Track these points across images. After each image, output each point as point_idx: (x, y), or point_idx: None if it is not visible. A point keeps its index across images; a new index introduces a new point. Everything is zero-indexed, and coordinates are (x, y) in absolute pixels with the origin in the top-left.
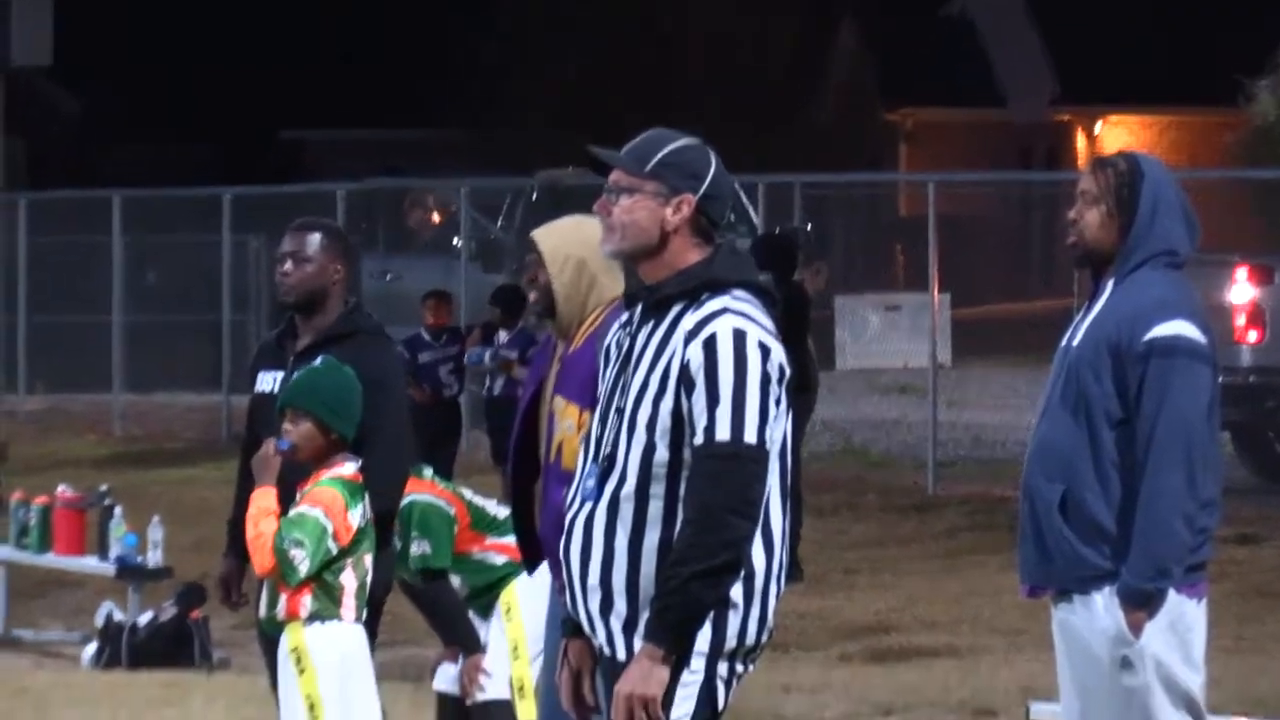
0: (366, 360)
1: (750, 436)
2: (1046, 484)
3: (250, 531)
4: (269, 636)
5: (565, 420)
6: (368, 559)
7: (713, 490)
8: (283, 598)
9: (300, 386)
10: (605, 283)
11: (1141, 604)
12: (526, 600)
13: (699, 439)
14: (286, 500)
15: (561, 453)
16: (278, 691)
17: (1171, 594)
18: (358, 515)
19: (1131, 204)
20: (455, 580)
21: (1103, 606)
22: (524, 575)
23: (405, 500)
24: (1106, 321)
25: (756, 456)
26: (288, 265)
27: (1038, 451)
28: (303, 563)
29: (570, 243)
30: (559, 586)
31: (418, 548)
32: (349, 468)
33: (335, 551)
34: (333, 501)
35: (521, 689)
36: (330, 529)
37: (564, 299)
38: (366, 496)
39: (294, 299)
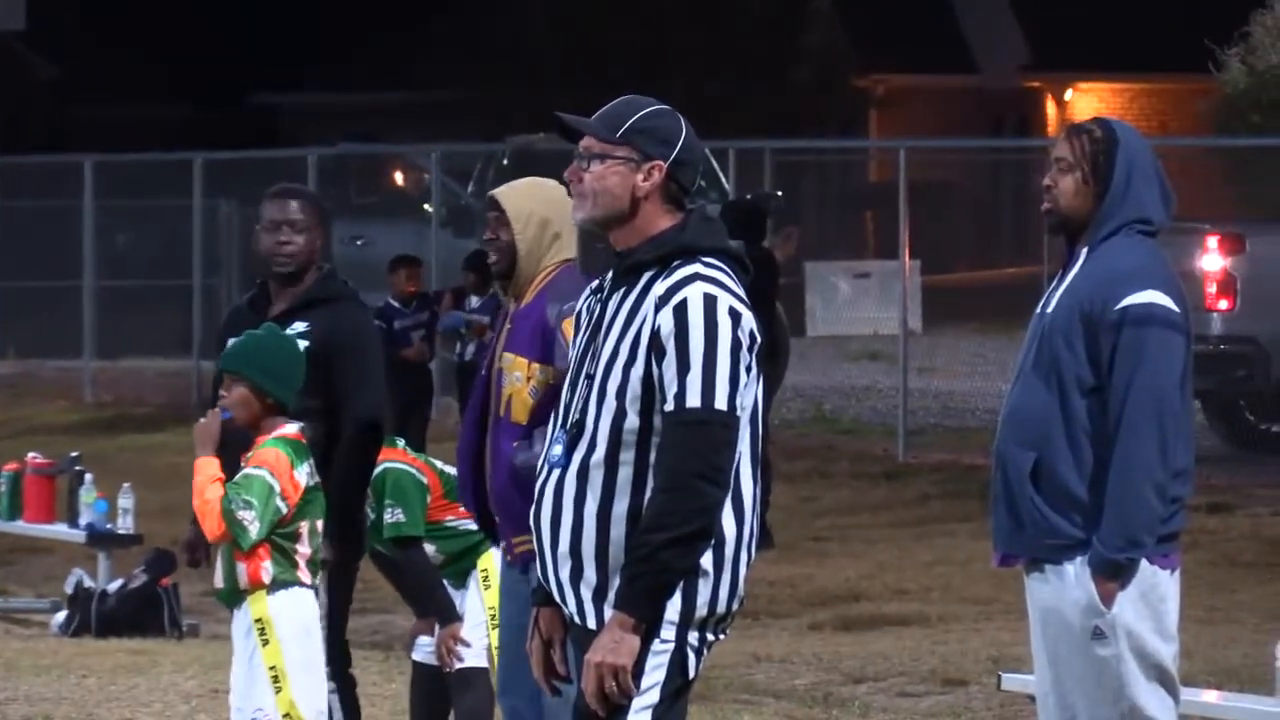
0: (345, 324)
1: (721, 403)
2: (1018, 451)
3: (196, 501)
4: (227, 607)
5: (514, 373)
6: (319, 524)
7: (683, 457)
8: (241, 566)
9: (236, 351)
10: (565, 242)
11: (1113, 574)
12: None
13: (669, 405)
14: (232, 470)
15: (511, 406)
16: (234, 661)
17: (1144, 564)
18: (304, 473)
19: (1106, 171)
20: (430, 549)
21: (1074, 576)
22: None
23: (378, 469)
24: (1079, 289)
25: (727, 423)
26: (284, 234)
27: (1009, 419)
28: (253, 523)
29: (533, 201)
30: (510, 547)
31: (391, 515)
32: (291, 428)
33: (284, 510)
34: (277, 461)
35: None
36: (278, 488)
37: (525, 256)
38: (310, 458)
39: (293, 267)
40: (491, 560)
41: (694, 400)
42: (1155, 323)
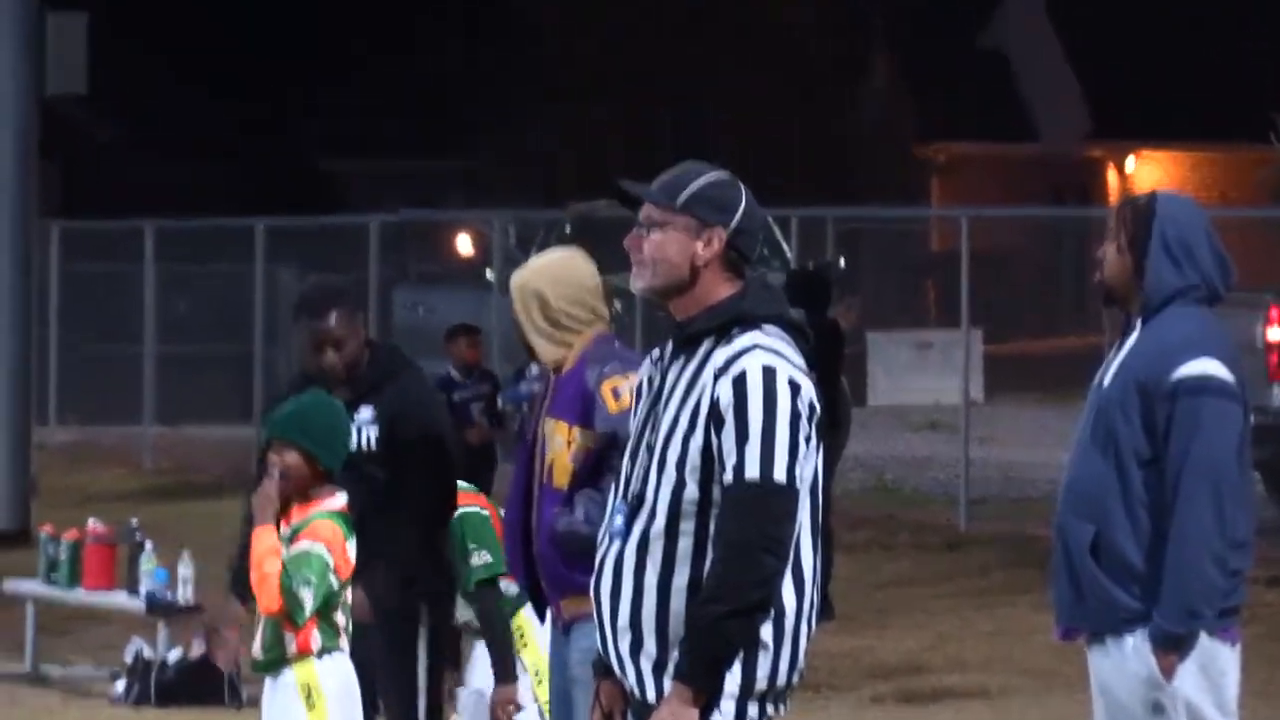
0: (409, 404)
1: (780, 474)
2: (1078, 524)
3: (255, 575)
4: (265, 674)
5: (556, 437)
6: (349, 591)
7: (742, 528)
8: (290, 636)
9: (287, 418)
10: (572, 312)
11: (1173, 647)
12: (538, 624)
13: (728, 476)
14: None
15: (552, 471)
16: None
17: (1204, 638)
18: (353, 547)
19: (1143, 242)
20: (465, 611)
21: (1134, 649)
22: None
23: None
24: (1135, 360)
25: (786, 494)
26: (330, 355)
27: (1069, 491)
28: (309, 600)
29: (531, 278)
30: (557, 612)
31: (478, 559)
32: (339, 499)
33: (336, 586)
34: (333, 536)
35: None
36: (332, 564)
37: (531, 330)
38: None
39: (344, 379)
40: (524, 619)
41: (753, 472)
42: (1210, 392)
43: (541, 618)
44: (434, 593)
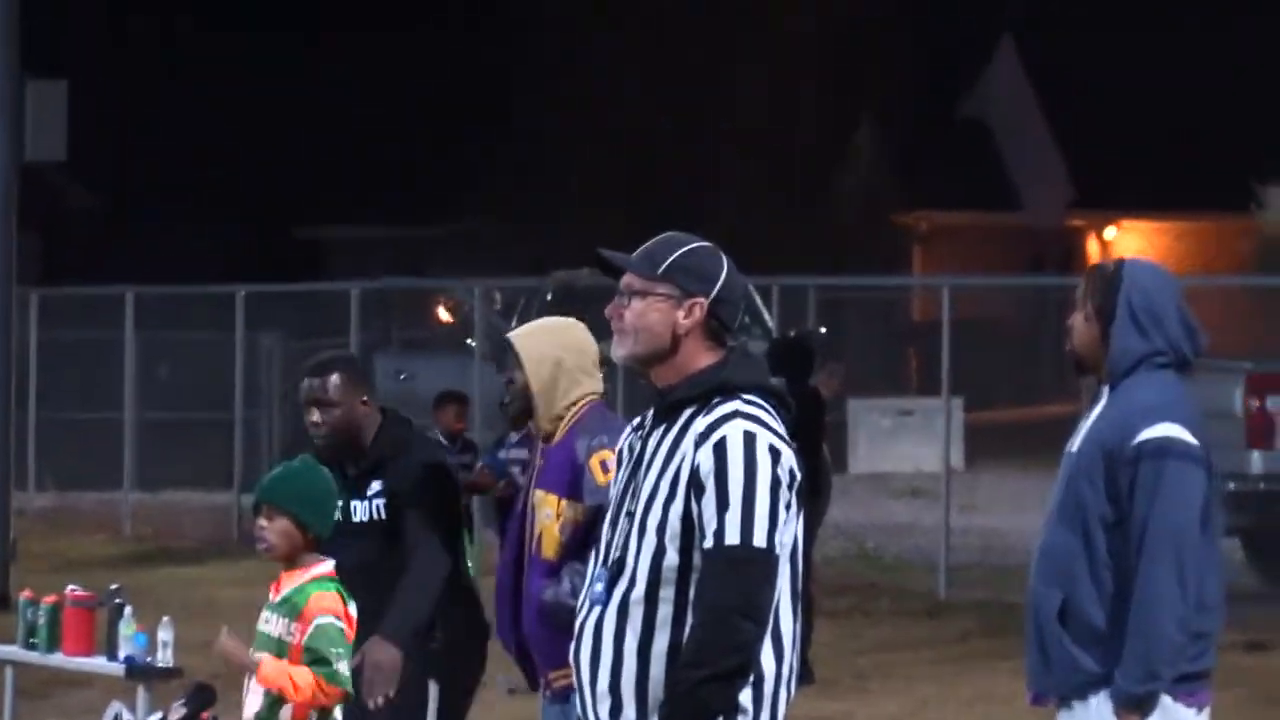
0: (415, 474)
1: (760, 540)
2: (1047, 591)
3: (298, 697)
4: None
5: (544, 509)
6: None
7: (722, 594)
8: (288, 706)
9: (278, 483)
10: (581, 381)
11: (1134, 707)
12: None
13: (708, 542)
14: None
15: (541, 542)
16: None
17: (1168, 701)
18: (354, 610)
19: (1109, 309)
20: None
21: (1096, 710)
22: None
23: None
24: (1101, 426)
25: (766, 560)
26: (315, 415)
27: (1040, 558)
28: (347, 669)
29: (546, 343)
30: (547, 683)
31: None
32: (327, 565)
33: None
34: (336, 603)
35: None
36: (347, 631)
37: (539, 395)
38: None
39: (331, 445)
40: None
41: (733, 538)
42: (1172, 455)
43: (533, 687)
44: (439, 657)
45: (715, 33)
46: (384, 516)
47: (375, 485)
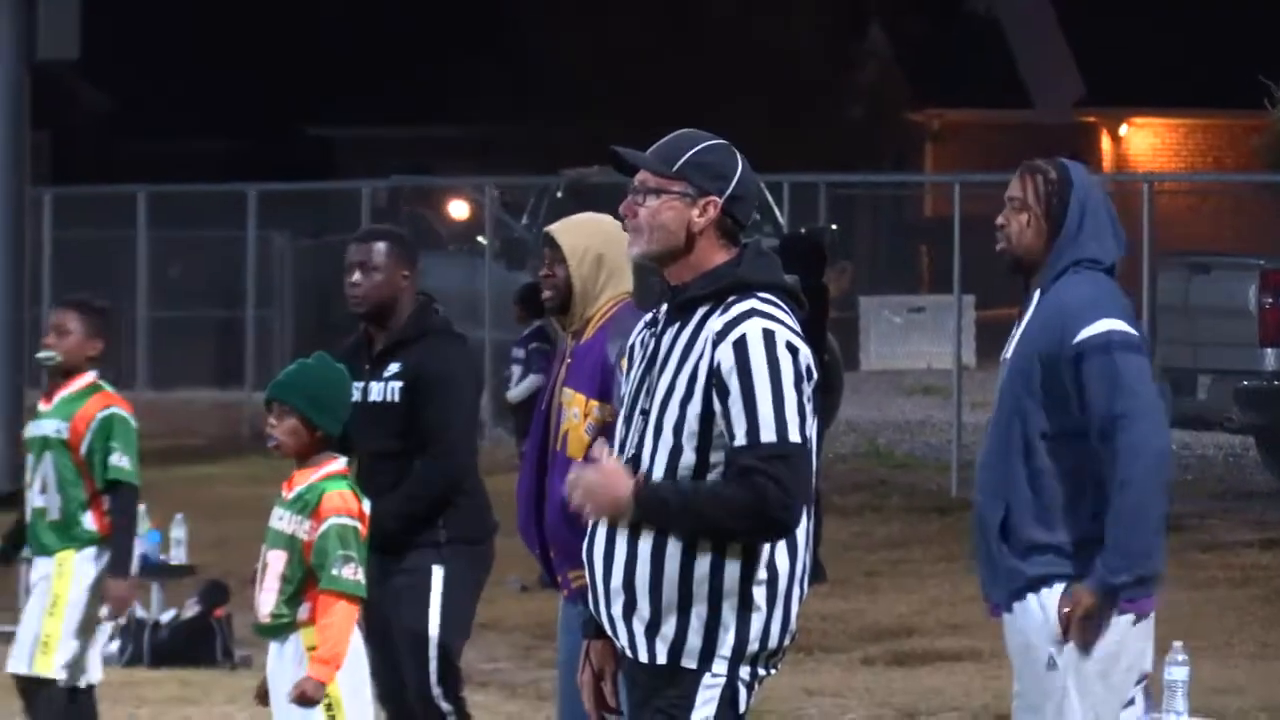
0: (433, 359)
1: (795, 435)
2: (989, 504)
3: (342, 644)
4: (270, 639)
5: (572, 408)
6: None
7: (763, 490)
8: (306, 604)
9: (286, 381)
10: (620, 278)
11: (1111, 600)
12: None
13: (741, 441)
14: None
15: (567, 441)
16: (277, 692)
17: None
18: (367, 507)
19: (1059, 212)
20: None
21: (1036, 607)
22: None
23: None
24: (1033, 332)
25: (801, 452)
26: (356, 275)
27: (981, 471)
28: (360, 573)
29: (589, 237)
30: (567, 582)
31: (116, 459)
32: (339, 463)
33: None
34: (350, 502)
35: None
36: (360, 527)
37: (580, 292)
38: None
39: (364, 309)
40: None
41: (769, 435)
42: (1117, 348)
43: (554, 585)
44: (444, 546)
45: None
46: (397, 399)
47: (393, 367)
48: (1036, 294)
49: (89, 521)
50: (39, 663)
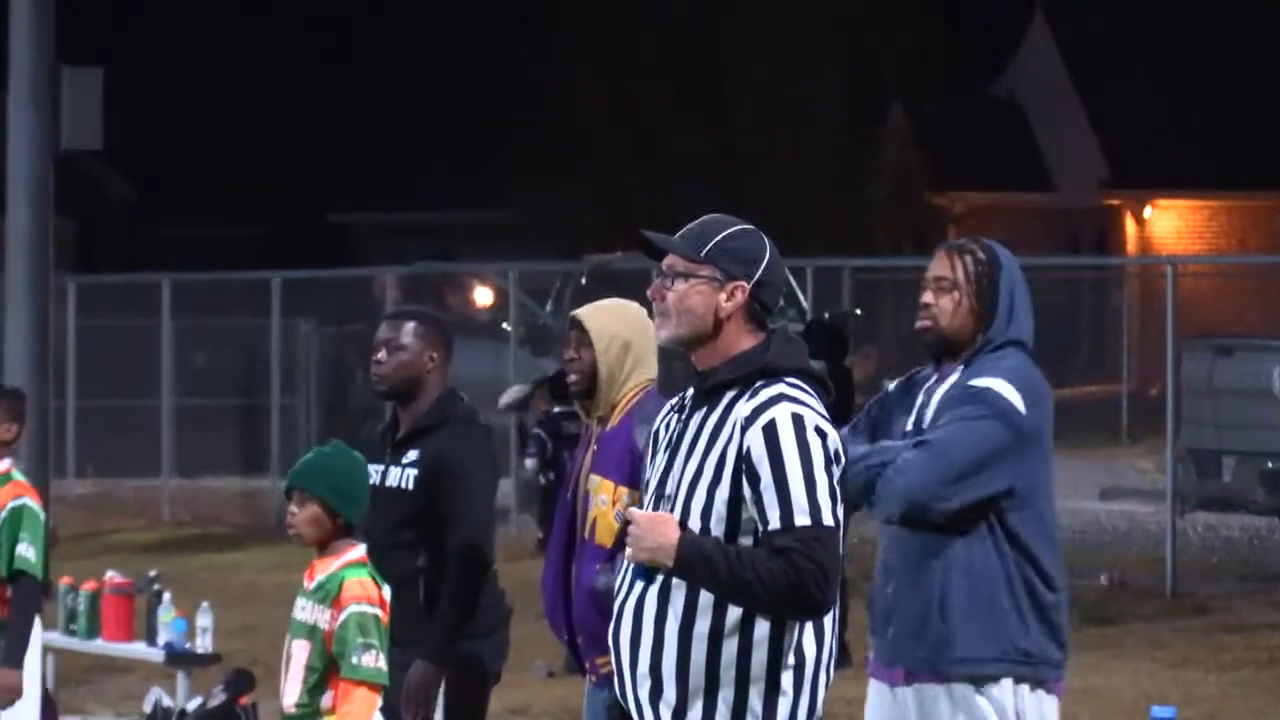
0: (450, 450)
1: (828, 518)
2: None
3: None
4: None
5: (600, 495)
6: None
7: (799, 571)
8: (329, 692)
9: (307, 469)
10: (646, 365)
11: None
12: None
13: (775, 525)
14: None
15: (595, 529)
16: None
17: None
18: (387, 594)
19: (990, 292)
20: None
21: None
22: None
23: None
24: (952, 393)
25: (834, 536)
26: (381, 354)
27: None
28: (381, 661)
29: (616, 323)
30: (595, 668)
31: (23, 549)
32: (359, 550)
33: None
34: (370, 589)
35: None
36: (382, 615)
37: (606, 377)
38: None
39: (385, 388)
40: None
41: (803, 518)
42: (980, 402)
43: (580, 671)
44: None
45: (738, 13)
46: (410, 487)
47: (411, 454)
48: (959, 368)
49: None
50: None
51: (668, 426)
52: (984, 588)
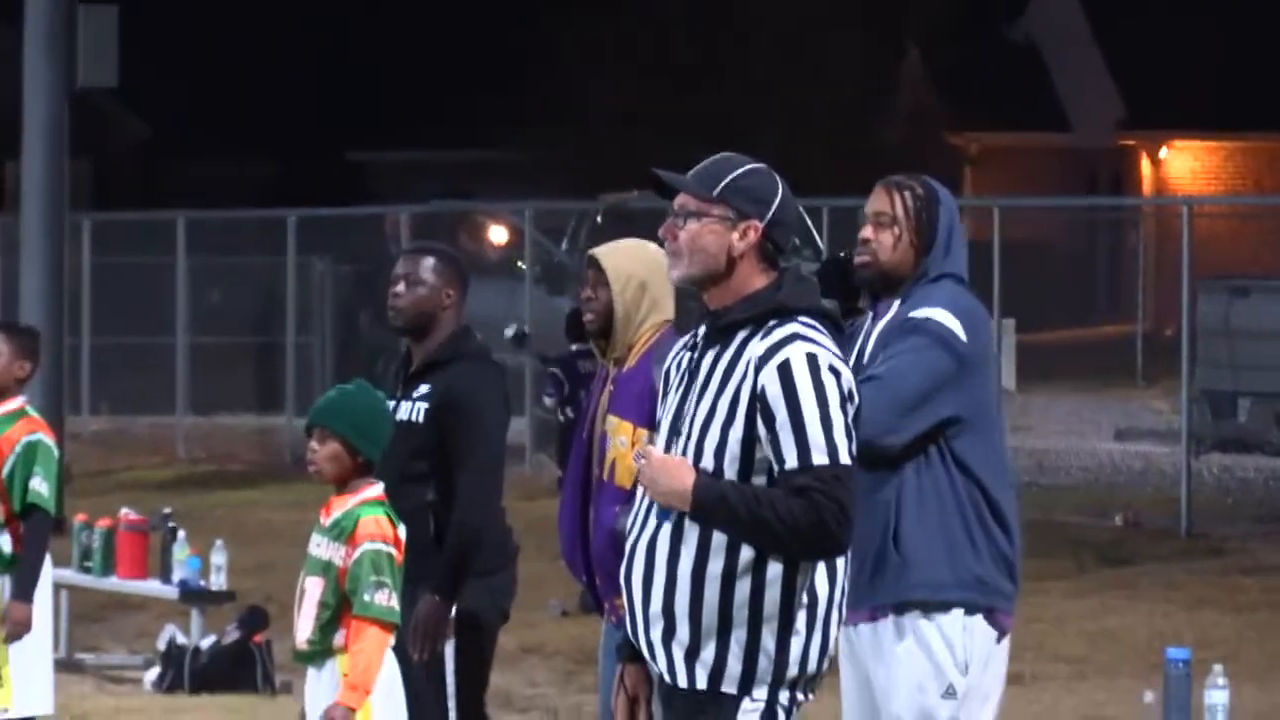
0: (461, 385)
1: (845, 457)
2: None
3: (372, 671)
4: (307, 665)
5: (619, 437)
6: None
7: (819, 510)
8: (340, 630)
9: (328, 407)
10: (663, 306)
11: None
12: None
13: (793, 465)
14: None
15: (615, 470)
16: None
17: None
18: (403, 533)
19: (930, 229)
20: None
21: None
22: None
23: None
24: (891, 326)
25: (851, 475)
26: (400, 287)
27: None
28: (393, 599)
29: (633, 262)
30: (613, 608)
31: (36, 484)
32: (377, 489)
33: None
34: (385, 528)
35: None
36: (396, 554)
37: (622, 317)
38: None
39: (401, 322)
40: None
41: (821, 457)
42: (922, 332)
43: (599, 611)
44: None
45: None
46: (421, 421)
47: (423, 388)
48: (896, 303)
49: (5, 544)
50: None
51: (679, 365)
52: (936, 514)
